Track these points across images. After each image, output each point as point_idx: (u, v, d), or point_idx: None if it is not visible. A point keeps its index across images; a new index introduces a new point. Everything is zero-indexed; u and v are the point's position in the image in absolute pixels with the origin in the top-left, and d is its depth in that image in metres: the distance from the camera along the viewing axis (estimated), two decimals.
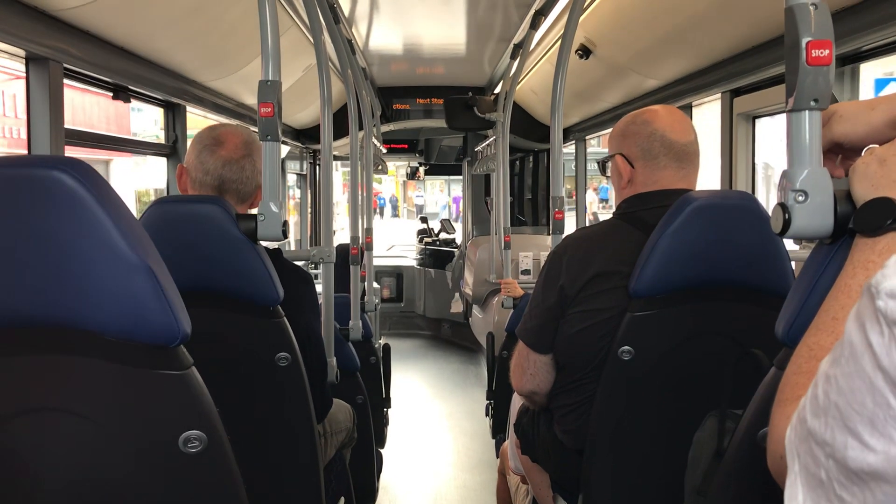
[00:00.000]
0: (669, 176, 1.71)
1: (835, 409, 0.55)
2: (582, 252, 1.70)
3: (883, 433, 0.51)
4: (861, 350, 0.54)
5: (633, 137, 1.74)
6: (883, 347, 0.52)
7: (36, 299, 0.94)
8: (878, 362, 0.52)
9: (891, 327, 0.52)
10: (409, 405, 5.55)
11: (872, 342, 0.53)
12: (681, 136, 1.71)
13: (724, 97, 3.11)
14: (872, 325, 0.53)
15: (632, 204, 1.74)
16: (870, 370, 0.53)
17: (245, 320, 1.59)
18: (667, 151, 1.70)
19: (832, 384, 0.56)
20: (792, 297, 0.94)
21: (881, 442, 0.51)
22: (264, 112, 1.54)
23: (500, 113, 4.73)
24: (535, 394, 1.82)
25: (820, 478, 0.56)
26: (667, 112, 1.75)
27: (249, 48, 3.38)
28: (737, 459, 1.03)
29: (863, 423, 0.53)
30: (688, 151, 1.72)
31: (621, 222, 1.73)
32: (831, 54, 0.89)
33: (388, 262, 8.99)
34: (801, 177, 0.91)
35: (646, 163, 1.72)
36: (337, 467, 2.19)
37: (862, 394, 0.53)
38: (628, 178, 1.75)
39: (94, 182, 0.93)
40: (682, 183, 1.71)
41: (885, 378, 0.51)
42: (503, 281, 3.99)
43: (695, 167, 1.74)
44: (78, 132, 2.62)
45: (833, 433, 0.55)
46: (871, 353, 0.53)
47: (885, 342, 0.52)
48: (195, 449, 0.97)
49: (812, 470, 0.57)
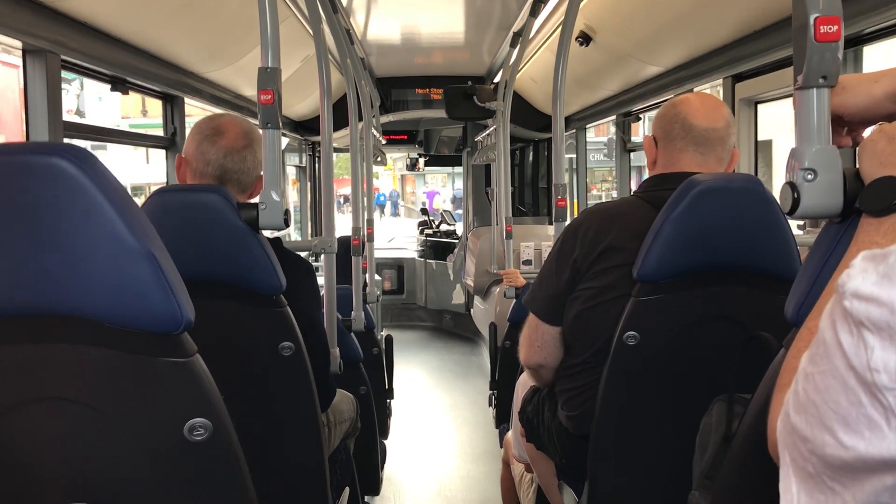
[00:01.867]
0: (688, 159, 1.71)
1: (813, 407, 0.55)
2: (597, 225, 1.71)
3: (856, 431, 0.51)
4: (833, 349, 0.54)
5: (660, 119, 1.77)
6: (852, 347, 0.52)
7: (37, 288, 0.93)
8: (849, 362, 0.52)
9: (858, 327, 0.52)
10: (411, 396, 5.55)
11: (842, 342, 0.53)
12: (703, 122, 1.70)
13: (726, 82, 3.09)
14: (842, 324, 0.53)
15: (653, 184, 1.76)
16: (842, 369, 0.53)
17: (247, 310, 1.58)
18: (685, 135, 1.71)
19: (810, 382, 0.56)
20: (801, 277, 0.93)
21: (854, 440, 0.51)
22: (264, 99, 1.52)
23: (500, 102, 4.70)
24: (542, 367, 1.81)
25: (808, 471, 0.56)
26: (698, 98, 1.77)
27: (247, 39, 3.36)
28: (746, 443, 1.02)
29: (838, 421, 0.53)
30: (709, 137, 1.71)
31: (640, 200, 1.73)
32: (840, 30, 0.88)
33: (389, 253, 8.98)
34: (810, 155, 0.90)
35: (666, 144, 1.74)
36: (341, 457, 2.19)
37: (836, 392, 0.53)
38: (653, 158, 1.78)
39: (95, 169, 0.92)
40: (701, 168, 1.70)
41: (856, 377, 0.51)
42: (505, 271, 3.98)
43: (716, 154, 1.72)
44: (76, 124, 2.61)
45: (813, 430, 0.55)
46: (842, 352, 0.53)
47: (854, 342, 0.52)
48: (200, 437, 0.96)
49: (800, 463, 0.57)
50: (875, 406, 0.50)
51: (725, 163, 1.75)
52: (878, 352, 0.50)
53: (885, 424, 0.49)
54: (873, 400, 0.50)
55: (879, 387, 0.50)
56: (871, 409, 0.50)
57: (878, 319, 0.50)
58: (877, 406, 0.50)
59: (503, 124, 4.59)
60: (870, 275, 0.52)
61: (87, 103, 13.68)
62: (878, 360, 0.50)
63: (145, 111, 15.03)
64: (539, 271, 1.82)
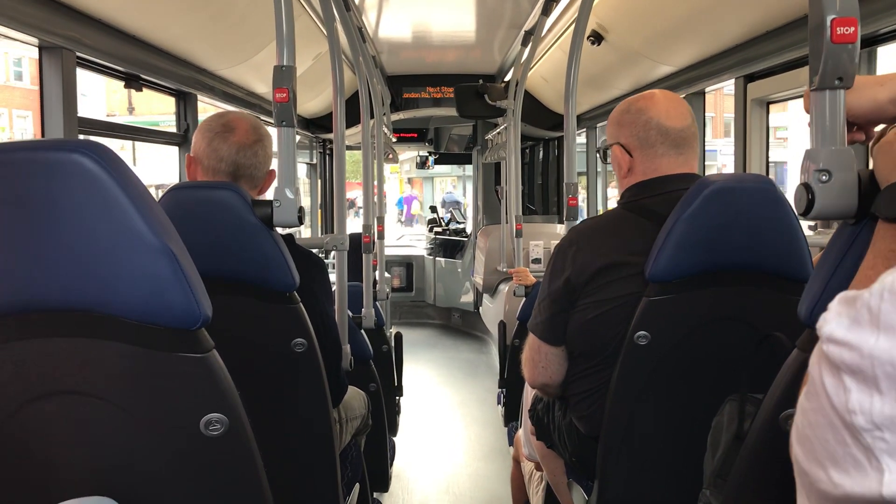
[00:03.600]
0: (668, 163, 1.71)
1: (808, 442, 0.56)
2: (587, 244, 1.69)
3: (843, 469, 0.52)
4: (819, 389, 0.55)
5: (628, 126, 1.73)
6: (833, 388, 0.53)
7: (57, 283, 0.94)
8: (832, 402, 0.53)
9: (837, 370, 0.53)
10: (420, 394, 5.56)
11: (825, 383, 0.54)
12: (676, 122, 1.70)
13: (738, 83, 3.09)
14: (824, 366, 0.54)
15: (635, 193, 1.73)
16: (828, 409, 0.53)
17: (261, 306, 1.59)
18: (663, 139, 1.69)
19: (806, 417, 0.57)
20: (815, 278, 0.93)
21: (842, 478, 0.52)
22: (279, 97, 1.53)
23: (510, 101, 4.71)
24: (548, 386, 1.81)
25: (813, 500, 0.57)
26: (663, 97, 1.73)
27: (260, 37, 3.38)
28: (759, 442, 1.02)
29: (828, 458, 0.53)
30: (685, 137, 1.71)
31: (626, 212, 1.72)
32: (857, 32, 0.88)
33: (399, 251, 8.99)
34: (824, 156, 0.90)
35: (643, 152, 1.72)
36: (352, 454, 2.19)
37: (825, 430, 0.54)
38: (628, 167, 1.75)
39: (115, 165, 0.93)
40: (682, 168, 1.71)
41: (839, 418, 0.52)
42: (515, 270, 3.99)
43: (693, 151, 1.73)
44: (90, 120, 2.62)
45: (809, 464, 0.56)
46: (826, 393, 0.54)
47: (835, 383, 0.53)
48: (217, 432, 0.97)
49: (805, 491, 0.58)
50: (857, 446, 0.51)
51: (697, 156, 1.75)
52: (854, 394, 0.51)
53: (868, 464, 0.50)
54: (855, 440, 0.51)
55: (857, 428, 0.50)
56: (854, 449, 0.51)
57: (851, 363, 0.51)
58: (858, 446, 0.51)
59: (514, 123, 4.59)
60: (843, 319, 0.53)
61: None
62: (855, 402, 0.51)
63: (132, 108, 15.03)
64: (538, 295, 1.81)
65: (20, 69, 19.32)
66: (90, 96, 13.55)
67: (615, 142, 1.76)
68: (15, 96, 19.18)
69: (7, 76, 19.28)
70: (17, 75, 19.53)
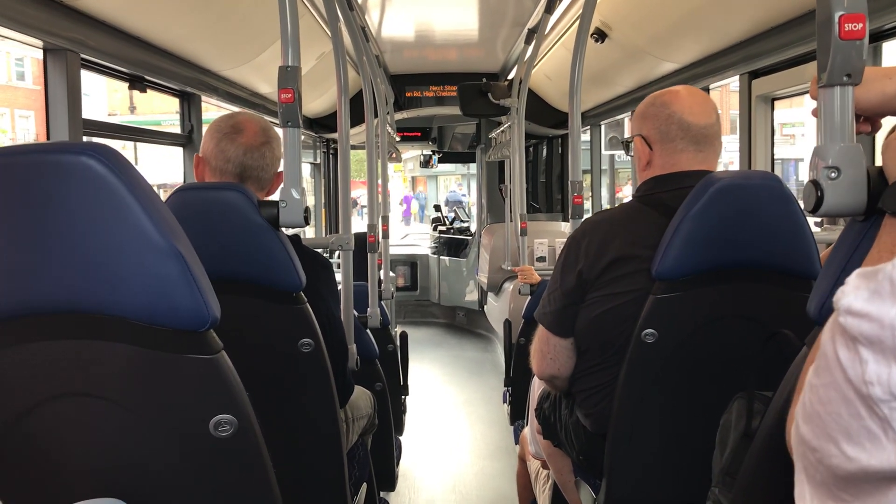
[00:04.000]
0: (688, 159, 1.69)
1: (818, 418, 0.56)
2: (600, 236, 1.69)
3: (858, 443, 0.52)
4: (833, 363, 0.55)
5: (651, 119, 1.73)
6: (848, 361, 0.53)
7: (65, 285, 0.94)
8: (846, 375, 0.53)
9: (853, 342, 0.53)
10: (426, 393, 5.57)
11: (840, 356, 0.54)
12: (699, 119, 1.69)
13: (743, 79, 3.08)
14: (839, 339, 0.54)
15: (651, 186, 1.73)
16: (842, 382, 0.54)
17: (268, 307, 1.59)
18: (684, 134, 1.69)
19: (815, 393, 0.57)
20: (824, 275, 0.93)
21: (857, 451, 0.52)
22: (284, 98, 1.53)
23: (514, 99, 4.70)
24: (556, 378, 1.81)
25: (818, 479, 0.57)
26: (687, 93, 1.73)
27: (263, 37, 3.37)
28: (767, 440, 1.02)
29: (841, 432, 0.54)
30: (706, 134, 1.70)
31: (640, 205, 1.72)
32: (865, 28, 0.88)
33: (403, 250, 8.99)
34: (833, 153, 0.90)
35: (663, 146, 1.71)
36: (359, 453, 2.20)
37: (838, 404, 0.54)
38: (647, 160, 1.74)
39: (123, 167, 0.93)
40: (702, 165, 1.70)
41: (854, 390, 0.52)
42: (520, 268, 3.98)
43: (714, 150, 1.72)
44: (95, 122, 2.63)
45: (819, 441, 0.56)
46: (840, 366, 0.54)
47: (850, 356, 0.53)
48: (226, 433, 0.98)
49: (811, 472, 0.58)
50: (873, 418, 0.51)
51: (719, 155, 1.74)
52: (871, 365, 0.51)
53: (884, 436, 0.50)
54: (871, 412, 0.51)
55: (875, 399, 0.51)
56: (869, 422, 0.51)
57: (870, 334, 0.52)
58: (874, 418, 0.51)
59: (518, 121, 4.58)
60: (861, 291, 0.54)
61: None
62: (872, 374, 0.51)
63: (133, 107, 15.00)
64: (547, 286, 1.81)
65: (22, 69, 19.33)
66: (92, 96, 13.56)
67: (637, 133, 1.76)
68: (17, 96, 19.18)
69: (9, 76, 19.28)
70: (18, 75, 19.53)
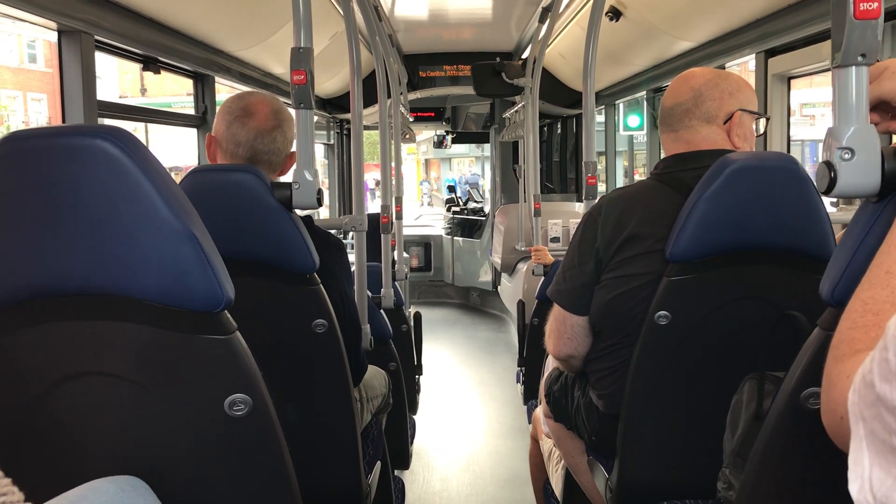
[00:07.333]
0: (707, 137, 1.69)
1: None
2: (617, 212, 1.69)
3: None
4: None
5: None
6: None
7: (81, 267, 0.95)
8: None
9: None
10: (439, 373, 5.59)
11: None
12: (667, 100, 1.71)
13: (759, 58, 3.05)
14: None
15: (670, 164, 1.72)
16: None
17: (281, 288, 1.60)
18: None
19: None
20: (837, 256, 0.93)
21: None
22: (297, 80, 1.53)
23: (528, 78, 4.67)
24: (573, 357, 1.81)
25: (891, 444, 0.53)
26: (702, 72, 1.73)
27: (276, 17, 3.37)
28: (779, 421, 1.02)
29: None
30: (675, 113, 1.71)
31: (658, 183, 1.71)
32: (880, 7, 0.87)
33: (416, 231, 9.00)
34: (847, 134, 0.89)
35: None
36: (373, 433, 2.22)
37: None
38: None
39: (137, 150, 0.94)
40: (715, 145, 1.68)
41: None
42: (534, 248, 3.98)
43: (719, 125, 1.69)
44: (110, 104, 2.64)
45: None
46: None
47: None
48: (241, 412, 0.99)
49: (882, 436, 0.54)
50: None
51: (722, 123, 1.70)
52: None
53: None
54: None
55: None
56: None
57: None
58: None
59: (532, 101, 4.56)
60: None
61: None
62: None
63: (144, 90, 14.98)
64: (561, 263, 1.80)
65: (34, 51, 19.26)
66: (104, 78, 13.55)
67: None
68: (30, 79, 19.12)
69: (21, 59, 19.23)
70: (31, 58, 19.47)
